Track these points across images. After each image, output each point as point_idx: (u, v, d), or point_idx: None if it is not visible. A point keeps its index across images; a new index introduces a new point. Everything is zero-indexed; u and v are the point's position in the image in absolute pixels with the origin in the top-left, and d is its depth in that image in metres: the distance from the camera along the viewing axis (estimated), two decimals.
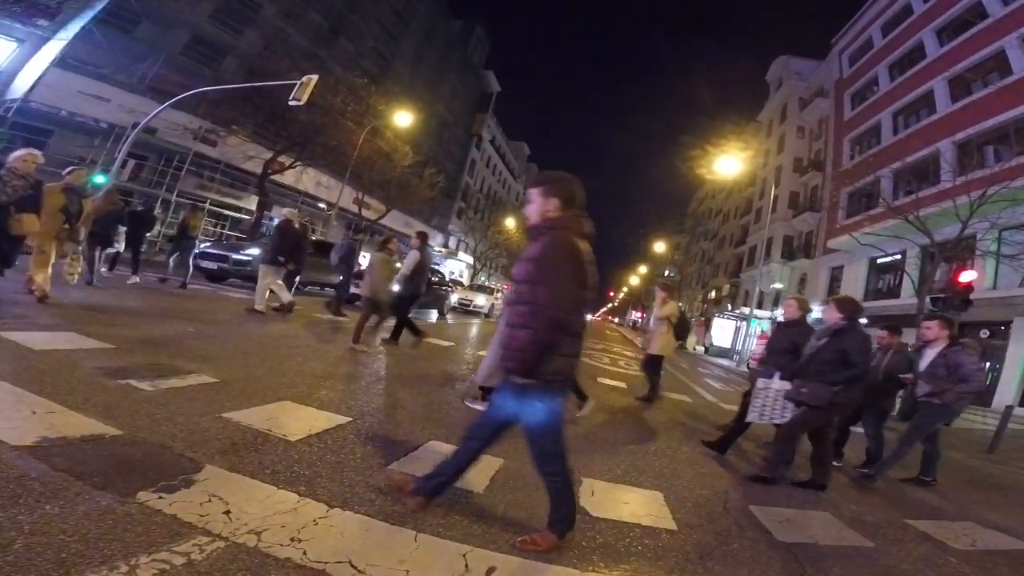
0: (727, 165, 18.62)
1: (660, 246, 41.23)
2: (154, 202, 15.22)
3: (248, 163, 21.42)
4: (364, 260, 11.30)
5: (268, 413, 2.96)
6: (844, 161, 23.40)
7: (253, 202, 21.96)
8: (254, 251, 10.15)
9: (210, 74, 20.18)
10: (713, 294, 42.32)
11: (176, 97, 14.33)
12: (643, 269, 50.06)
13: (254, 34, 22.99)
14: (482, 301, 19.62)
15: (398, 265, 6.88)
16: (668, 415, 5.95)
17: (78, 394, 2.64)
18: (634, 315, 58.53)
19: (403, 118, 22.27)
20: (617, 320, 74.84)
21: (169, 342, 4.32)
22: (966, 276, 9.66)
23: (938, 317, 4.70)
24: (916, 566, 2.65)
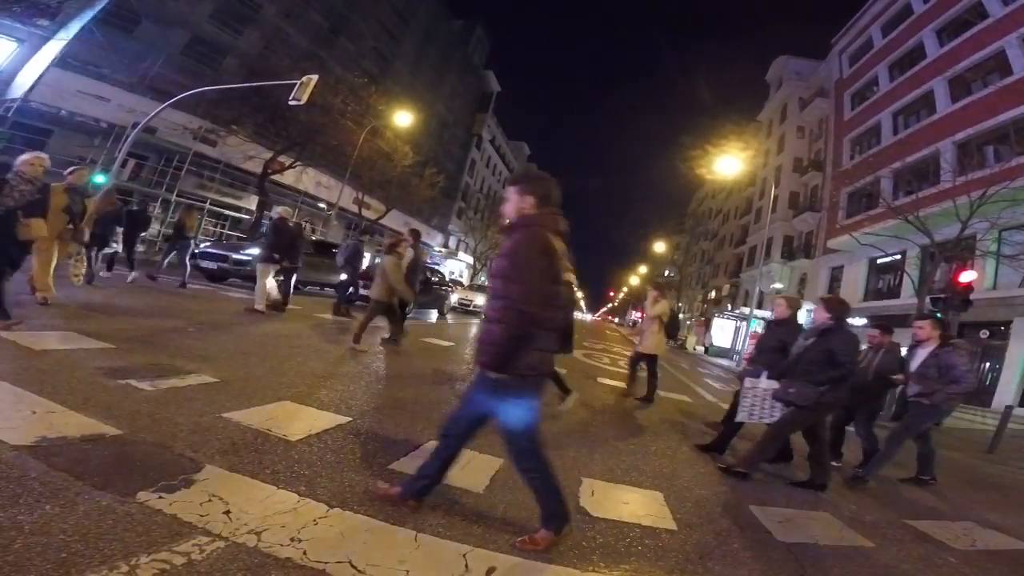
0: (727, 165, 18.61)
1: (660, 246, 41.24)
2: (149, 202, 15.22)
3: (248, 163, 21.44)
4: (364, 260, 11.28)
5: (268, 413, 2.96)
6: (844, 161, 23.39)
7: (253, 202, 21.96)
8: (254, 251, 10.13)
9: (210, 74, 20.16)
10: (713, 294, 42.31)
11: (176, 97, 14.33)
12: (643, 269, 50.04)
13: (254, 34, 22.99)
14: (482, 301, 19.56)
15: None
16: (668, 415, 5.95)
17: (78, 394, 2.64)
18: (634, 315, 58.51)
19: (403, 118, 22.27)
20: (617, 320, 74.76)
21: (169, 342, 4.32)
22: (966, 276, 9.65)
23: (930, 317, 4.68)
24: (916, 566, 2.65)
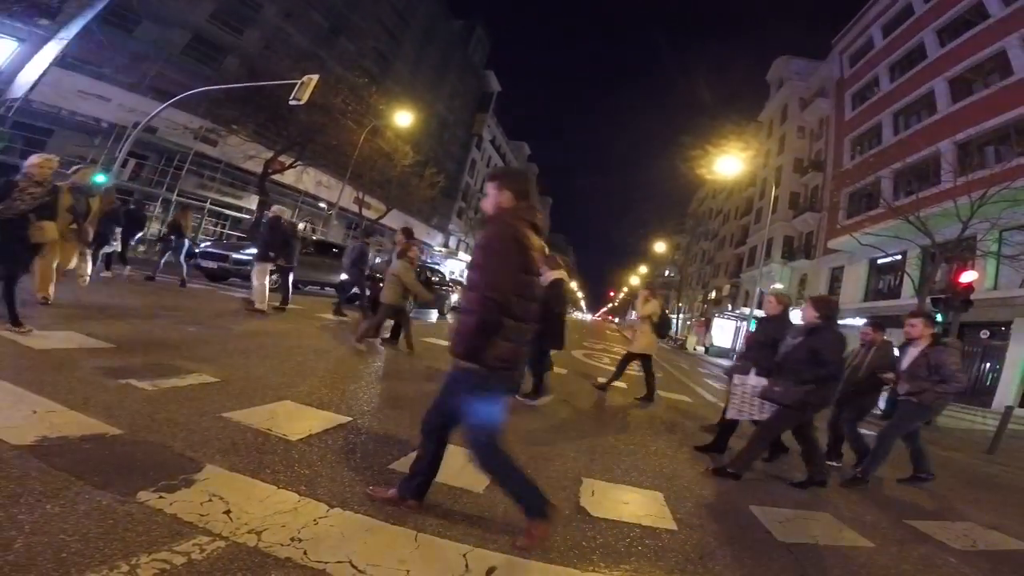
0: (727, 165, 18.58)
1: (660, 246, 41.17)
2: (145, 201, 15.21)
3: (248, 163, 21.47)
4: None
5: (268, 413, 2.96)
6: (845, 161, 23.37)
7: (253, 202, 21.99)
8: (254, 251, 10.14)
9: (211, 74, 20.20)
10: (713, 294, 42.28)
11: (177, 97, 14.35)
12: (643, 269, 50.01)
13: (254, 34, 23.02)
14: None
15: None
16: (668, 415, 5.96)
17: (78, 394, 2.64)
18: (633, 315, 58.43)
19: (403, 118, 22.28)
20: (617, 320, 74.70)
21: (169, 341, 4.32)
22: (966, 277, 9.64)
23: (923, 314, 4.63)
24: (916, 566, 2.65)
